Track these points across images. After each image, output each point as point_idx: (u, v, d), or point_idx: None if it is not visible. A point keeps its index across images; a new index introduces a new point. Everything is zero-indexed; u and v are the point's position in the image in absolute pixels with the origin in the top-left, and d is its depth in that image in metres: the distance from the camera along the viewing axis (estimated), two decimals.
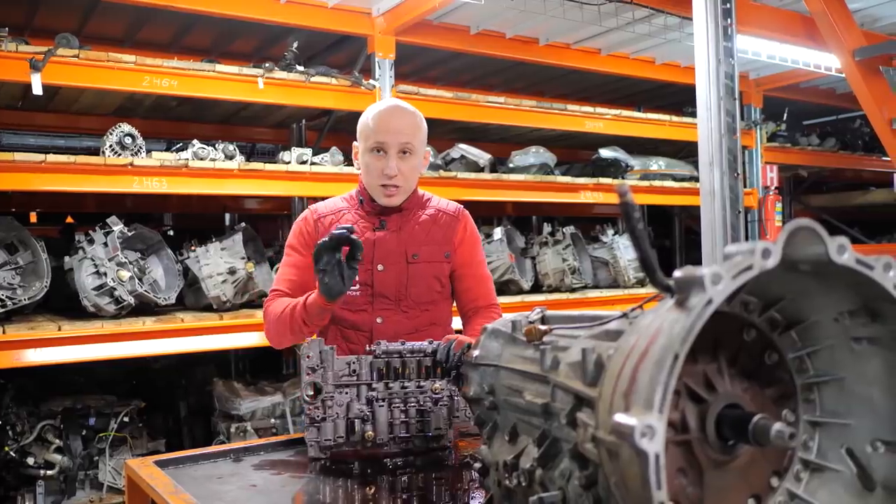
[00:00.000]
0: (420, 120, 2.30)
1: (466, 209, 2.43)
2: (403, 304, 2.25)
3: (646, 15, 4.70)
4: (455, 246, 2.34)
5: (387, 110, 2.26)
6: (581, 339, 1.13)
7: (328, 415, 1.92)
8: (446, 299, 2.37)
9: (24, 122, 5.07)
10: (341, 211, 2.33)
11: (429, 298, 2.29)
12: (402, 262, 2.25)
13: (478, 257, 2.41)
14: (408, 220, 2.30)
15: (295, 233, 2.34)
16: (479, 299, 2.38)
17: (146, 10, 4.32)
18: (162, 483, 1.72)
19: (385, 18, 4.55)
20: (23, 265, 3.79)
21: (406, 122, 2.25)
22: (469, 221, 2.40)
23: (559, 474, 1.11)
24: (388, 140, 2.20)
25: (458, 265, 2.35)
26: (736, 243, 0.87)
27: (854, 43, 4.39)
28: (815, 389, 1.03)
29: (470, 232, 2.38)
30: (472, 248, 2.38)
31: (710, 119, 3.55)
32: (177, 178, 3.87)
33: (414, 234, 2.29)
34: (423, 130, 2.30)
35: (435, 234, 2.31)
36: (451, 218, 2.36)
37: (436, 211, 2.36)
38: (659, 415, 0.76)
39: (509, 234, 5.35)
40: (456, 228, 2.35)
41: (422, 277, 2.27)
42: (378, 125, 2.23)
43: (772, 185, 6.47)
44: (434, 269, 2.29)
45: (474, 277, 2.38)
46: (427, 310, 2.29)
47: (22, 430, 3.90)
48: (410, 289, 2.25)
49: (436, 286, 2.30)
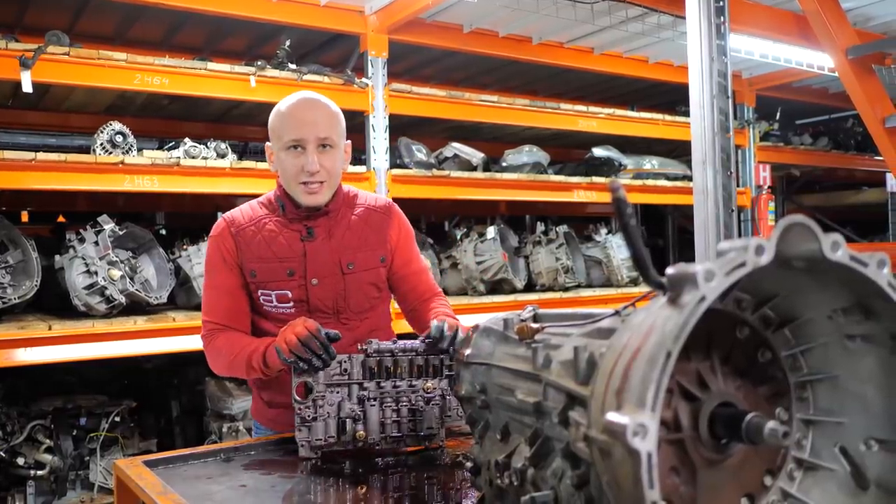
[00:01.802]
0: (336, 111, 2.14)
1: (458, 208, 2.40)
2: (342, 316, 2.14)
3: (639, 14, 4.70)
4: (392, 248, 2.22)
5: (299, 103, 2.09)
6: (573, 338, 1.12)
7: (319, 414, 1.91)
8: (384, 302, 2.27)
9: (15, 121, 5.03)
10: (260, 219, 2.14)
11: (367, 306, 2.18)
12: (338, 274, 2.12)
13: (414, 253, 2.30)
14: (337, 224, 2.15)
15: (214, 252, 2.15)
16: (424, 293, 2.28)
17: (137, 7, 4.30)
18: (151, 483, 1.71)
19: (377, 17, 4.54)
20: (13, 264, 3.76)
21: (321, 113, 2.09)
22: (401, 217, 2.28)
23: (551, 473, 1.10)
24: (305, 135, 2.04)
25: (398, 266, 2.24)
26: (729, 240, 0.86)
27: (847, 42, 4.39)
28: (808, 387, 1.02)
29: (404, 230, 2.27)
30: (408, 245, 2.28)
31: (704, 117, 3.55)
32: (168, 177, 3.86)
33: (346, 240, 2.14)
34: (340, 122, 2.14)
35: (368, 237, 2.18)
36: (382, 216, 2.22)
37: (365, 210, 2.21)
38: (651, 413, 0.75)
39: (502, 233, 5.34)
40: (389, 228, 2.22)
41: (359, 286, 2.15)
42: (291, 120, 2.07)
43: (765, 185, 6.49)
44: (371, 277, 2.17)
45: (416, 275, 2.28)
46: (367, 318, 2.19)
47: (12, 430, 3.87)
48: (349, 300, 2.13)
49: (373, 293, 2.19)
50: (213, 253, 2.16)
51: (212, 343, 2.11)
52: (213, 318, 2.13)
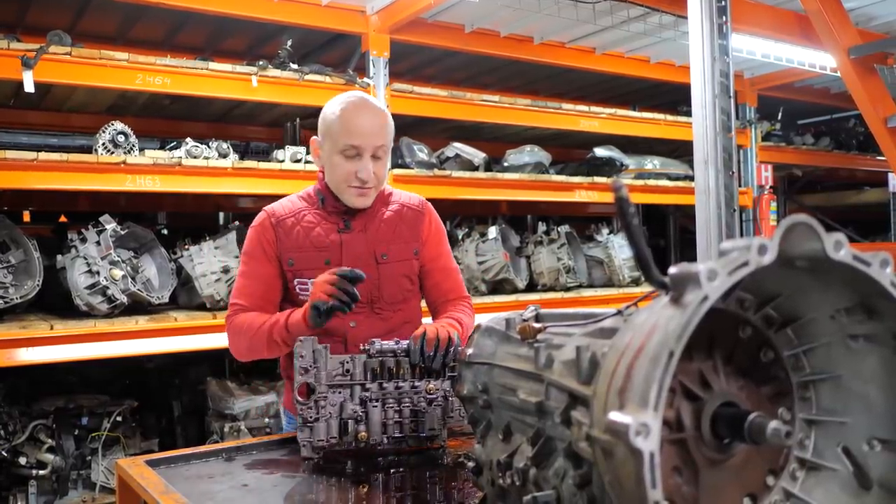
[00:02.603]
0: (389, 119, 2.21)
1: (460, 208, 2.41)
2: (376, 306, 2.19)
3: (641, 13, 4.70)
4: (422, 242, 2.27)
5: (358, 109, 2.14)
6: (575, 337, 1.12)
7: (321, 415, 1.91)
8: (416, 296, 2.32)
9: (16, 121, 5.04)
10: (300, 212, 2.22)
11: (401, 298, 2.23)
12: (372, 264, 2.17)
13: (444, 250, 2.35)
14: (372, 219, 2.22)
15: (254, 240, 2.21)
16: (449, 293, 2.32)
17: (139, 7, 4.30)
18: (153, 483, 1.71)
19: (379, 16, 4.54)
20: (15, 264, 3.76)
21: (379, 122, 2.15)
22: (433, 214, 2.34)
23: (553, 473, 1.10)
24: (363, 144, 2.10)
25: (427, 260, 2.28)
26: (731, 240, 0.86)
27: (849, 41, 4.39)
28: (811, 387, 1.02)
29: (435, 226, 2.32)
30: (439, 243, 2.33)
31: (705, 117, 3.54)
32: (170, 177, 3.86)
33: (380, 232, 2.22)
34: (392, 130, 2.22)
35: (401, 231, 2.24)
36: (415, 213, 2.29)
37: (399, 206, 2.28)
38: (654, 413, 0.75)
39: (504, 233, 5.34)
40: (422, 223, 2.28)
41: (393, 277, 2.21)
42: (350, 126, 2.11)
43: (766, 185, 6.48)
44: (404, 268, 2.23)
45: (443, 271, 2.32)
46: (400, 309, 2.24)
47: (14, 430, 3.87)
48: (382, 290, 2.19)
49: (406, 284, 2.24)
50: (252, 242, 2.21)
51: (232, 323, 2.15)
52: (241, 301, 2.18)
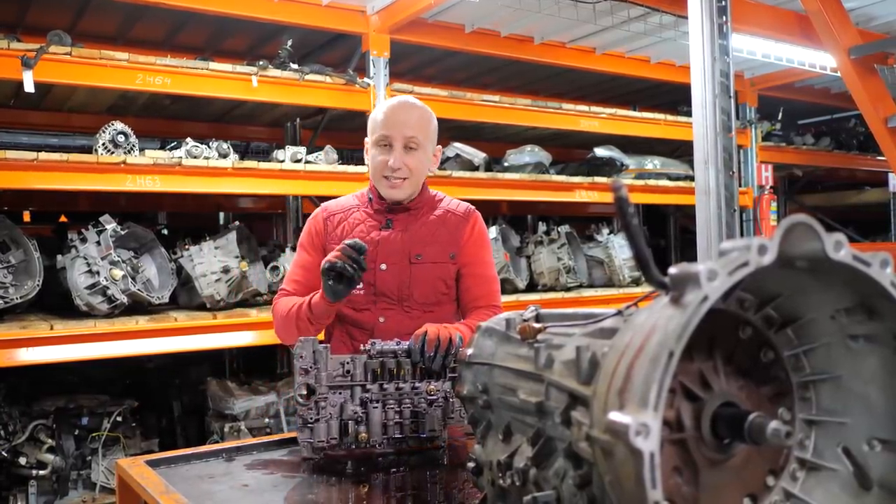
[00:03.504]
0: (429, 115, 2.30)
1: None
2: (406, 305, 2.23)
3: (641, 13, 4.70)
4: (461, 246, 2.29)
5: (395, 105, 2.27)
6: (575, 337, 1.12)
7: (321, 416, 1.90)
8: (452, 301, 2.32)
9: (17, 121, 5.04)
10: (350, 209, 2.33)
11: (433, 300, 2.25)
12: (405, 262, 2.23)
13: (483, 257, 2.35)
14: (415, 220, 2.28)
15: (306, 231, 2.35)
16: (478, 299, 2.31)
17: (139, 7, 4.30)
18: (153, 483, 1.71)
19: (379, 17, 4.54)
20: (15, 264, 3.76)
21: (413, 115, 2.24)
22: (479, 222, 2.36)
23: (553, 473, 1.10)
24: (393, 133, 2.21)
25: (463, 264, 2.30)
26: (731, 240, 0.86)
27: (850, 41, 4.39)
28: (811, 388, 1.02)
29: (478, 232, 2.34)
30: (478, 248, 2.33)
31: (706, 117, 3.54)
32: (170, 177, 3.86)
33: (419, 234, 2.26)
34: (431, 126, 2.29)
35: (441, 234, 2.28)
36: (459, 219, 2.32)
37: (445, 212, 2.33)
38: (654, 413, 0.75)
39: (504, 233, 5.34)
40: (464, 229, 2.31)
41: (425, 278, 2.23)
42: (384, 118, 2.24)
43: (767, 185, 6.48)
44: (439, 271, 2.25)
45: (477, 277, 2.32)
46: (431, 311, 2.24)
47: (14, 430, 3.87)
48: (413, 289, 2.22)
49: (441, 287, 2.26)
50: (305, 233, 2.35)
51: (276, 306, 2.28)
52: (289, 286, 2.31)
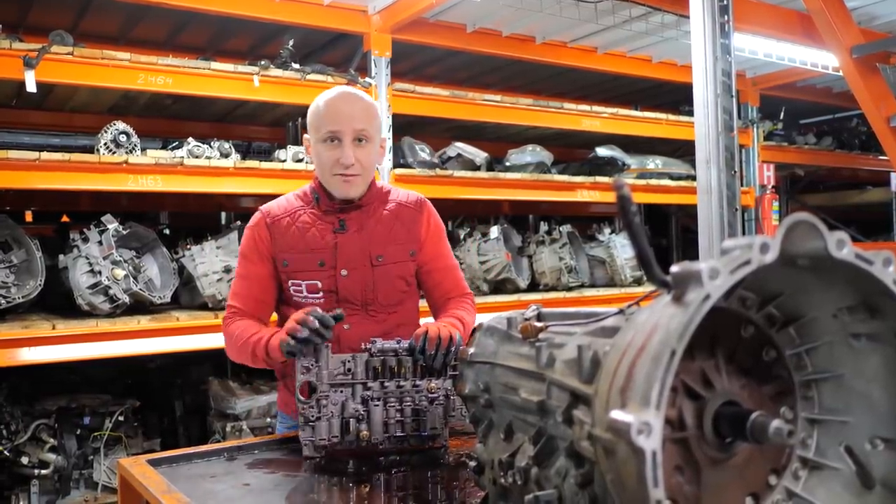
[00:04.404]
0: (374, 106, 2.20)
1: (462, 207, 2.39)
2: (371, 309, 2.16)
3: (643, 13, 4.69)
4: (420, 242, 2.24)
5: (337, 97, 2.15)
6: (577, 336, 1.11)
7: (323, 414, 1.91)
8: (412, 297, 2.29)
9: (19, 121, 5.04)
10: (296, 212, 2.19)
11: (396, 300, 2.20)
12: (367, 265, 2.15)
13: (443, 249, 2.31)
14: (369, 218, 2.19)
15: (248, 239, 2.20)
16: (451, 291, 2.29)
17: (141, 7, 4.30)
18: (154, 482, 1.71)
19: (381, 16, 4.54)
20: (17, 263, 3.77)
21: (358, 107, 2.13)
22: (432, 213, 2.30)
23: (555, 472, 1.10)
24: (342, 127, 2.09)
25: (426, 260, 2.25)
26: (734, 238, 0.86)
27: (852, 40, 4.38)
28: (813, 386, 1.01)
29: (434, 224, 2.28)
30: (438, 241, 2.29)
31: (707, 116, 3.53)
32: (172, 177, 3.86)
33: (376, 233, 2.18)
34: (377, 117, 2.19)
35: (398, 231, 2.21)
36: (413, 212, 2.25)
37: (397, 205, 2.24)
38: (656, 411, 0.74)
39: (506, 232, 5.34)
40: (419, 223, 2.24)
41: (388, 279, 2.17)
42: (328, 113, 2.12)
43: (769, 184, 6.47)
44: (400, 270, 2.20)
45: (443, 270, 2.29)
46: (395, 311, 2.20)
47: (16, 430, 3.87)
48: (377, 292, 2.16)
49: (402, 286, 2.21)
50: (247, 242, 2.21)
51: (228, 328, 2.16)
52: (237, 303, 2.19)
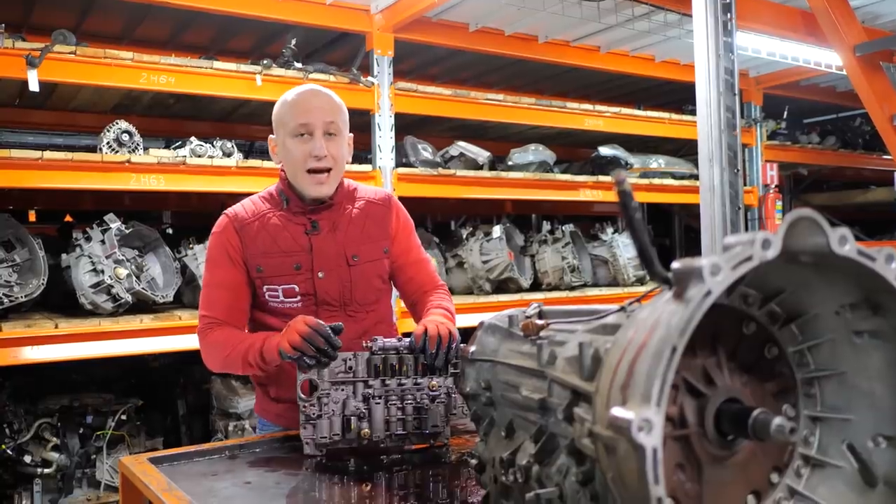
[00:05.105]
0: (341, 102, 2.18)
1: (464, 207, 2.39)
2: (349, 309, 2.15)
3: (645, 12, 4.68)
4: (392, 238, 2.24)
5: (303, 92, 2.15)
6: (578, 334, 1.11)
7: (324, 412, 1.91)
8: (388, 294, 2.30)
9: (22, 120, 5.04)
10: (264, 214, 2.15)
11: (373, 298, 2.20)
12: (343, 266, 2.14)
13: (414, 242, 2.31)
14: (340, 217, 2.17)
15: (216, 246, 2.14)
16: (425, 284, 2.29)
17: (143, 6, 4.30)
18: (156, 480, 1.71)
19: (383, 15, 4.53)
20: (20, 262, 3.77)
21: (325, 100, 2.14)
22: (400, 208, 2.30)
23: (556, 470, 1.09)
24: (312, 120, 2.08)
25: (398, 255, 2.25)
26: (735, 234, 0.85)
27: (855, 39, 4.37)
28: (815, 384, 1.01)
29: (403, 220, 2.29)
30: (407, 235, 2.29)
31: (710, 115, 3.53)
32: (175, 176, 3.86)
33: (349, 232, 2.17)
34: (344, 111, 2.18)
35: (370, 229, 2.20)
36: (382, 208, 2.24)
37: (366, 202, 2.23)
38: (657, 408, 0.74)
39: (508, 232, 5.33)
40: (389, 219, 2.24)
41: (365, 278, 2.17)
42: (297, 107, 2.11)
43: (772, 184, 6.45)
44: (375, 268, 2.20)
45: (415, 264, 2.29)
46: (372, 309, 2.21)
47: (19, 428, 3.88)
48: (355, 292, 2.15)
49: (378, 284, 2.22)
50: (216, 248, 2.14)
51: (207, 338, 2.10)
52: (212, 312, 2.11)
